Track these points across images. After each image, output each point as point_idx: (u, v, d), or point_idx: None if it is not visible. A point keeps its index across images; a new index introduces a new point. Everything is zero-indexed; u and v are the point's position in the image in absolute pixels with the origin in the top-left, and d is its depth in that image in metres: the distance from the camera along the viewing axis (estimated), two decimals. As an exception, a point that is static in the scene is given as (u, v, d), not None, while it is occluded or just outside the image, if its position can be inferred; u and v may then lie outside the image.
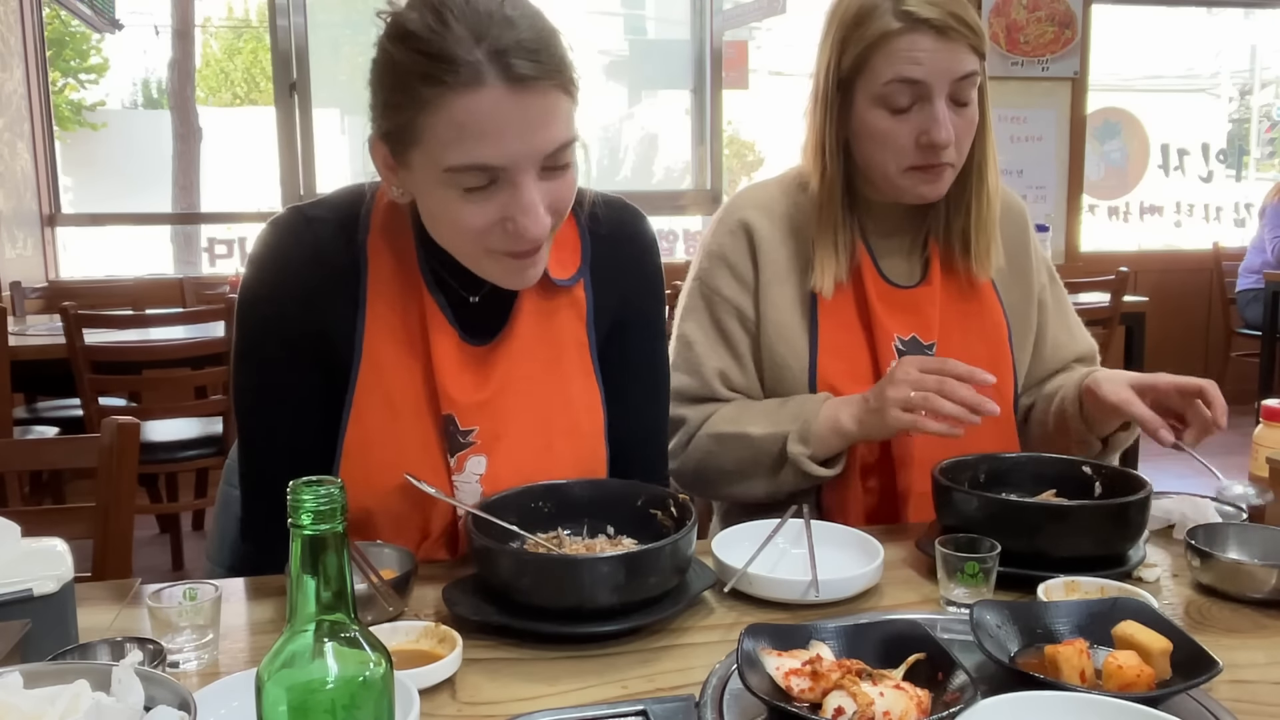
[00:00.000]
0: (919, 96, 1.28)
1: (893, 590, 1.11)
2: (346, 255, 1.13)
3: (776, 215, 1.43)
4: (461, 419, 1.14)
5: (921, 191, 1.34)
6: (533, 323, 1.18)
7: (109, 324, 3.03)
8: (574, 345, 1.21)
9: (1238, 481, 1.28)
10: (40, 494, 3.41)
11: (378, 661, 0.62)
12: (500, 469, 1.16)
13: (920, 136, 1.29)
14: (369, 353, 1.13)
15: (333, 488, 0.59)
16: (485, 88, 0.95)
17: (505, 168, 0.98)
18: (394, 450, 1.13)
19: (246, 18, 8.69)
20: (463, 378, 1.14)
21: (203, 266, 5.34)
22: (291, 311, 1.12)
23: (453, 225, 1.04)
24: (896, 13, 1.27)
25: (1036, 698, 0.77)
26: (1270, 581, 1.05)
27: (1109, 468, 1.23)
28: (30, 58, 4.55)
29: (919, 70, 1.27)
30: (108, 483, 1.41)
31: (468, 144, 0.97)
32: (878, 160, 1.33)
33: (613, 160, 6.97)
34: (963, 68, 1.28)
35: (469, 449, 1.15)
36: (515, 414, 1.16)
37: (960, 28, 1.27)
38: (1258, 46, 7.16)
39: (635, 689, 0.89)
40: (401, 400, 1.14)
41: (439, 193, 1.01)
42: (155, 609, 0.93)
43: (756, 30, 6.16)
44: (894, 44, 1.27)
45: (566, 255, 1.20)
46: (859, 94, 1.32)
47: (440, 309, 1.13)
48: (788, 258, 1.41)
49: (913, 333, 1.40)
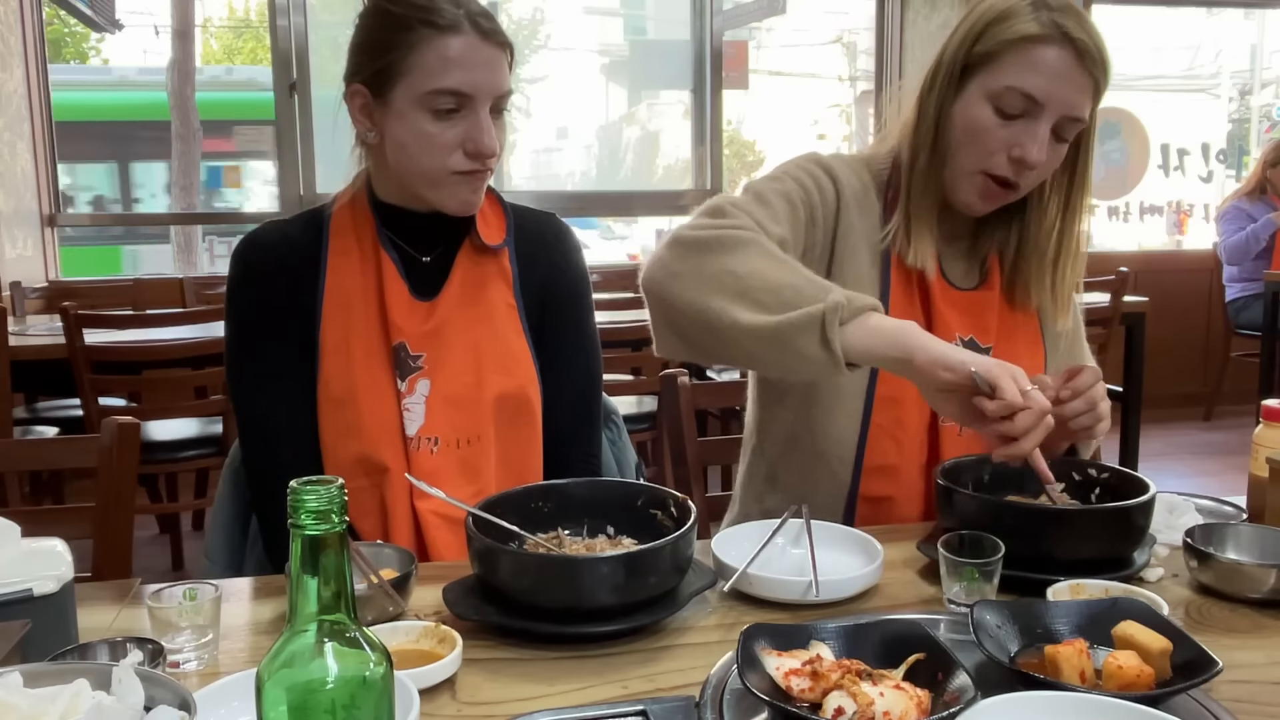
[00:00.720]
0: (1029, 111, 1.26)
1: (893, 590, 1.11)
2: (312, 236, 1.36)
3: (857, 187, 1.40)
4: (412, 345, 1.33)
5: (973, 202, 1.33)
6: (468, 282, 1.37)
7: (109, 324, 3.03)
8: (503, 306, 1.39)
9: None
10: (40, 494, 3.41)
11: (378, 661, 0.62)
12: (443, 389, 1.33)
13: (1014, 149, 1.27)
14: (328, 310, 1.33)
15: (332, 487, 0.59)
16: (463, 34, 1.24)
17: (472, 96, 1.25)
18: (348, 384, 1.31)
19: (246, 18, 8.70)
20: (411, 315, 1.34)
21: (202, 266, 5.34)
22: (273, 289, 1.33)
23: (426, 145, 1.26)
24: (1048, 21, 1.25)
25: (1036, 698, 0.77)
26: (1269, 581, 1.05)
27: (1111, 469, 1.23)
28: (30, 58, 4.55)
29: (1042, 86, 1.24)
30: (108, 483, 1.41)
31: (450, 70, 1.24)
32: (960, 152, 1.31)
33: (613, 160, 6.98)
34: (1079, 108, 1.26)
35: (418, 373, 1.33)
36: (454, 346, 1.34)
37: (1098, 63, 1.25)
38: (1258, 46, 7.17)
39: (635, 689, 0.89)
40: (356, 341, 1.32)
41: (415, 117, 1.26)
42: (155, 609, 0.93)
43: (756, 30, 6.17)
44: (1034, 50, 1.25)
45: (494, 225, 1.41)
46: (974, 84, 1.30)
47: (394, 265, 1.34)
48: (865, 231, 1.38)
49: (971, 334, 1.38)
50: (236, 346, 1.35)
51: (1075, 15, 1.26)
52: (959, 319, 1.38)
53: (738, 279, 1.14)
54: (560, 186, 6.29)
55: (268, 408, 1.33)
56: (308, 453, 1.31)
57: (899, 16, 5.40)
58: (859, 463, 1.37)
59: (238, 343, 1.35)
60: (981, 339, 1.39)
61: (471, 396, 1.34)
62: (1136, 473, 1.19)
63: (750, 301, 1.13)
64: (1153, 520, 1.20)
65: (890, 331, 1.09)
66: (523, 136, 6.54)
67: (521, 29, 7.37)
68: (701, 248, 1.19)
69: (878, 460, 1.36)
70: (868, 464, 1.37)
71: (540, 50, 7.40)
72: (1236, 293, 5.30)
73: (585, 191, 6.31)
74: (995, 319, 1.40)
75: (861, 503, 1.39)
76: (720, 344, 1.17)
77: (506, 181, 5.60)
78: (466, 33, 1.24)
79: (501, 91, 1.28)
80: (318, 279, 1.33)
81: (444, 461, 1.32)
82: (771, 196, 1.33)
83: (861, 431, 1.36)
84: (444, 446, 1.32)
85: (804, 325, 1.08)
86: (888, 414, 1.35)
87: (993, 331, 1.39)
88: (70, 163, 7.94)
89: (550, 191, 5.67)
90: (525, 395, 1.37)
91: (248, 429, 1.36)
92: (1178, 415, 5.42)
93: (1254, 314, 5.07)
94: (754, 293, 1.13)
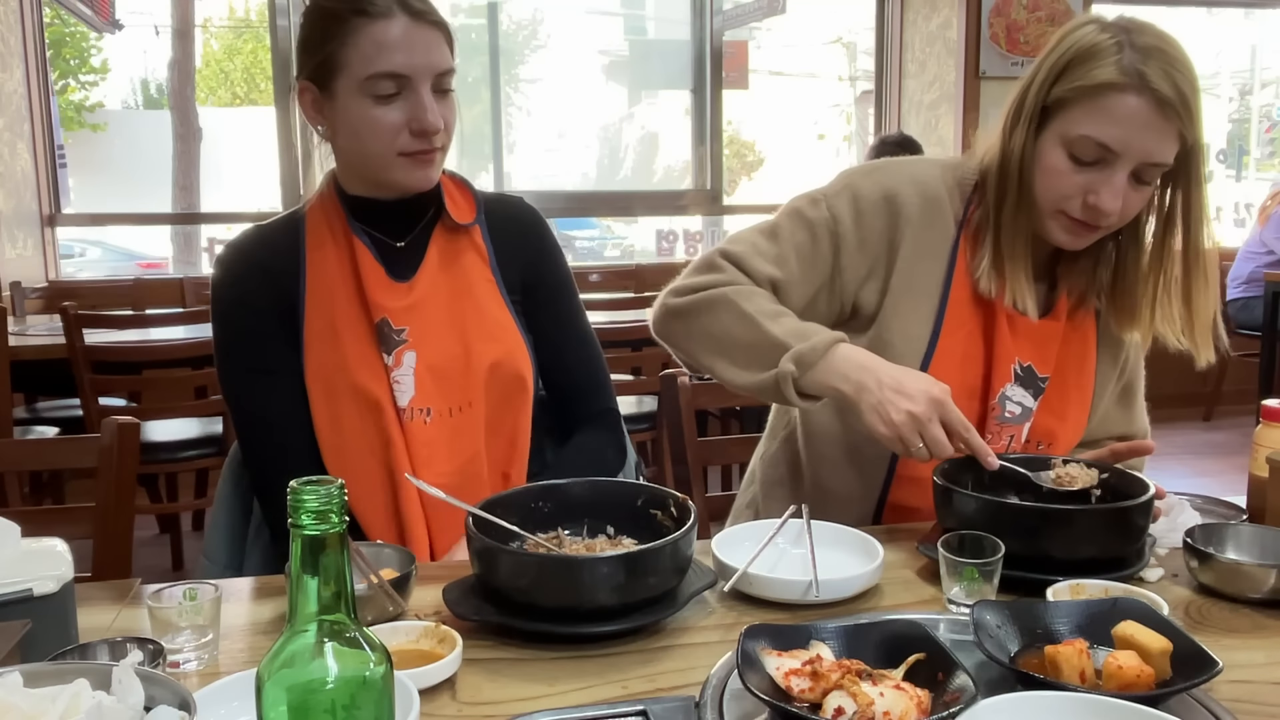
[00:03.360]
0: (1104, 159, 1.24)
1: (893, 590, 1.11)
2: (290, 236, 1.39)
3: (929, 196, 1.38)
4: (394, 320, 1.35)
5: (1062, 239, 1.31)
6: (444, 259, 1.40)
7: (109, 324, 3.03)
8: (481, 280, 1.42)
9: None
10: (40, 494, 3.41)
11: (378, 661, 0.62)
12: (429, 359, 1.35)
13: (1089, 195, 1.25)
14: (310, 301, 1.36)
15: (332, 488, 0.59)
16: (395, 18, 1.28)
17: (410, 77, 1.28)
18: (338, 360, 1.33)
19: (246, 18, 8.70)
20: (390, 293, 1.36)
21: (203, 266, 5.34)
22: (254, 288, 1.36)
23: (371, 129, 1.30)
24: (1128, 68, 1.21)
25: (1036, 698, 0.77)
26: (1269, 581, 1.05)
27: (1111, 469, 1.23)
28: (30, 58, 4.55)
29: (1119, 139, 1.21)
30: (108, 483, 1.41)
31: (385, 55, 1.27)
32: (1038, 192, 1.29)
33: (613, 160, 6.98)
34: (1160, 154, 1.23)
35: (403, 345, 1.36)
36: (436, 317, 1.37)
37: (1180, 110, 1.21)
38: (1258, 46, 7.17)
39: (635, 689, 0.89)
40: (341, 324, 1.35)
41: (358, 104, 1.29)
42: (155, 609, 0.93)
43: (756, 30, 6.17)
44: (1109, 99, 1.21)
45: (462, 206, 1.44)
46: (1052, 126, 1.27)
47: (368, 249, 1.37)
48: (933, 242, 1.36)
49: (1030, 361, 1.36)
50: (224, 347, 1.38)
51: (1160, 57, 1.21)
52: (1020, 345, 1.35)
53: (714, 340, 1.32)
54: (560, 186, 6.29)
55: (262, 401, 1.36)
56: (305, 440, 1.33)
57: (899, 16, 5.40)
58: (891, 470, 1.38)
59: (225, 343, 1.38)
60: (1040, 368, 1.36)
61: (459, 366, 1.36)
62: (1136, 473, 1.19)
63: (728, 359, 1.31)
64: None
65: (839, 383, 1.22)
66: (522, 136, 6.53)
67: (521, 29, 7.36)
68: (681, 314, 1.35)
69: (911, 470, 1.36)
70: (900, 472, 1.37)
71: (540, 50, 7.40)
72: (1237, 293, 5.29)
73: (585, 191, 6.30)
74: (1056, 351, 1.37)
75: (889, 511, 1.39)
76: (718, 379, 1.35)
77: (506, 182, 5.58)
78: (397, 16, 1.28)
79: (440, 69, 1.30)
80: (299, 275, 1.36)
81: (438, 432, 1.34)
82: (785, 231, 1.37)
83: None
84: (436, 417, 1.35)
85: (765, 388, 1.27)
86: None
87: (1052, 363, 1.37)
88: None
89: (550, 191, 5.65)
90: (514, 362, 1.40)
91: (244, 425, 1.38)
92: (1178, 415, 5.41)
93: (1254, 314, 5.06)
94: (729, 353, 1.31)
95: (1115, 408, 1.48)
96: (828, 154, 7.51)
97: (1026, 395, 1.36)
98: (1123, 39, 1.23)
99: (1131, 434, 1.49)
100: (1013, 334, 1.35)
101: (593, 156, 7.17)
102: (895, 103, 5.47)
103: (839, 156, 6.92)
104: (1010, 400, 1.35)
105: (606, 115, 6.65)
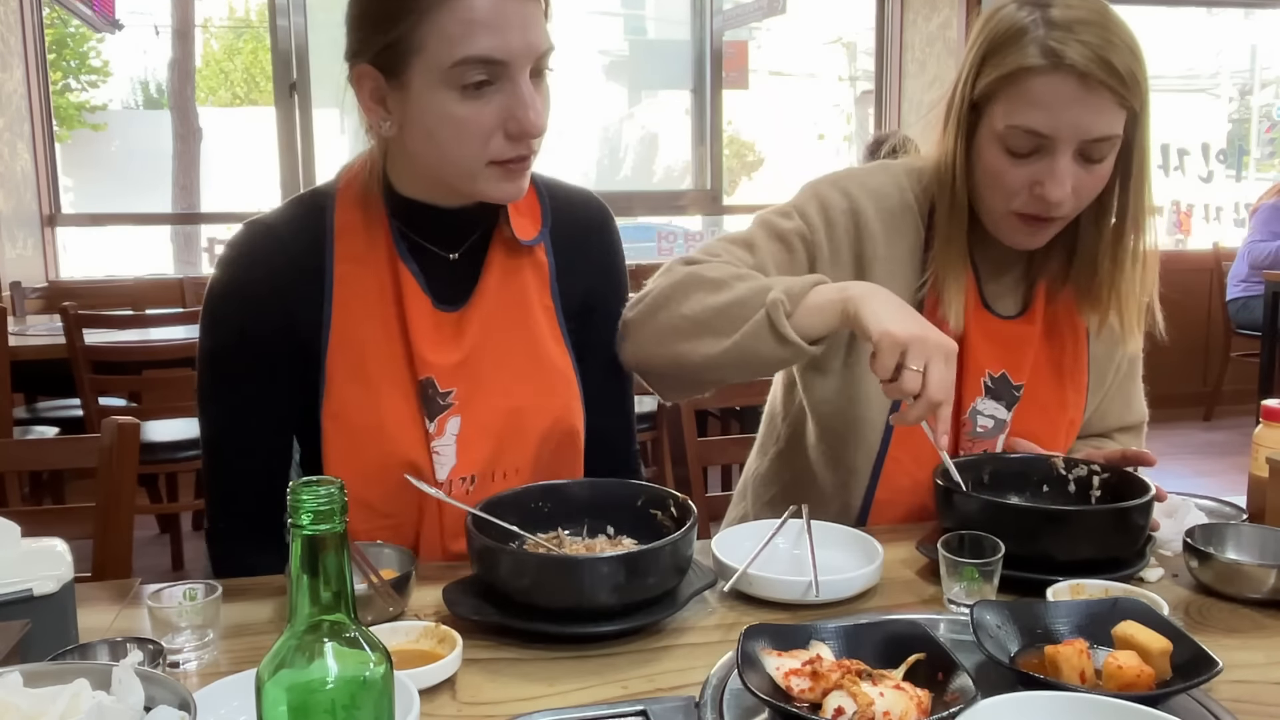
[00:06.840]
0: (1041, 147, 1.18)
1: (893, 590, 1.11)
2: (310, 240, 1.17)
3: (889, 209, 1.33)
4: (441, 381, 1.16)
5: (1019, 240, 1.26)
6: (501, 285, 1.21)
7: (109, 324, 3.03)
8: (540, 309, 1.24)
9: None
10: (40, 494, 3.41)
11: (378, 661, 0.62)
12: (477, 421, 1.18)
13: (1035, 186, 1.19)
14: (338, 328, 1.15)
15: (332, 488, 0.59)
16: None
17: (506, 63, 1.05)
18: (373, 419, 1.15)
19: (246, 18, 8.69)
20: (439, 342, 1.17)
21: (203, 266, 5.34)
22: (257, 307, 1.16)
23: (457, 132, 1.07)
24: (1043, 47, 1.14)
25: (1036, 698, 0.77)
26: (1269, 581, 1.05)
27: (1111, 469, 1.23)
28: (30, 58, 4.55)
29: (1047, 122, 1.15)
30: (108, 483, 1.41)
31: (476, 36, 1.03)
32: (985, 195, 1.25)
33: (613, 160, 6.98)
34: (1098, 129, 1.15)
35: (448, 410, 1.17)
36: (489, 375, 1.19)
37: (1109, 80, 1.13)
38: (1258, 46, 7.16)
39: (635, 689, 0.89)
40: (377, 370, 1.16)
41: (440, 98, 1.06)
42: (155, 609, 0.93)
43: (756, 30, 6.16)
44: (1028, 84, 1.16)
45: (528, 215, 1.24)
46: (984, 124, 1.22)
47: (414, 276, 1.16)
48: (902, 253, 1.32)
49: (1004, 369, 1.32)
50: (209, 368, 1.19)
51: (1080, 27, 1.14)
52: (993, 354, 1.32)
53: (689, 319, 1.20)
54: (560, 186, 6.28)
55: (236, 437, 1.20)
56: (279, 487, 1.15)
57: (899, 17, 5.40)
58: (871, 491, 1.36)
59: (210, 364, 1.19)
60: (1014, 375, 1.33)
61: (510, 429, 1.20)
62: (1136, 473, 1.19)
63: (707, 333, 1.19)
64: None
65: (831, 304, 1.13)
66: (522, 136, 6.50)
67: (521, 29, 7.33)
68: (647, 315, 1.25)
69: (889, 489, 1.34)
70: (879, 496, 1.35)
71: (540, 50, 7.37)
72: (1237, 292, 5.29)
73: (585, 191, 6.30)
74: (1032, 356, 1.33)
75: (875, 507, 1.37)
76: (702, 377, 1.28)
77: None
78: None
79: (541, 50, 1.08)
80: (321, 291, 1.15)
81: (481, 495, 1.14)
82: (760, 241, 1.31)
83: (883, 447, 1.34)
84: (480, 483, 1.19)
85: (756, 334, 1.14)
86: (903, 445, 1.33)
87: (1026, 369, 1.33)
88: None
89: (550, 191, 5.66)
90: (570, 417, 1.25)
91: (212, 453, 1.22)
92: (1178, 415, 5.41)
93: (1254, 314, 5.06)
94: (707, 325, 1.19)
95: (1117, 400, 1.47)
96: (828, 154, 7.51)
97: (999, 407, 1.33)
98: (1038, 15, 1.17)
99: (1130, 423, 1.49)
100: (984, 340, 1.32)
101: (592, 156, 7.17)
102: (895, 103, 5.47)
103: (839, 156, 6.92)
104: (981, 414, 1.33)
105: (606, 115, 6.64)
